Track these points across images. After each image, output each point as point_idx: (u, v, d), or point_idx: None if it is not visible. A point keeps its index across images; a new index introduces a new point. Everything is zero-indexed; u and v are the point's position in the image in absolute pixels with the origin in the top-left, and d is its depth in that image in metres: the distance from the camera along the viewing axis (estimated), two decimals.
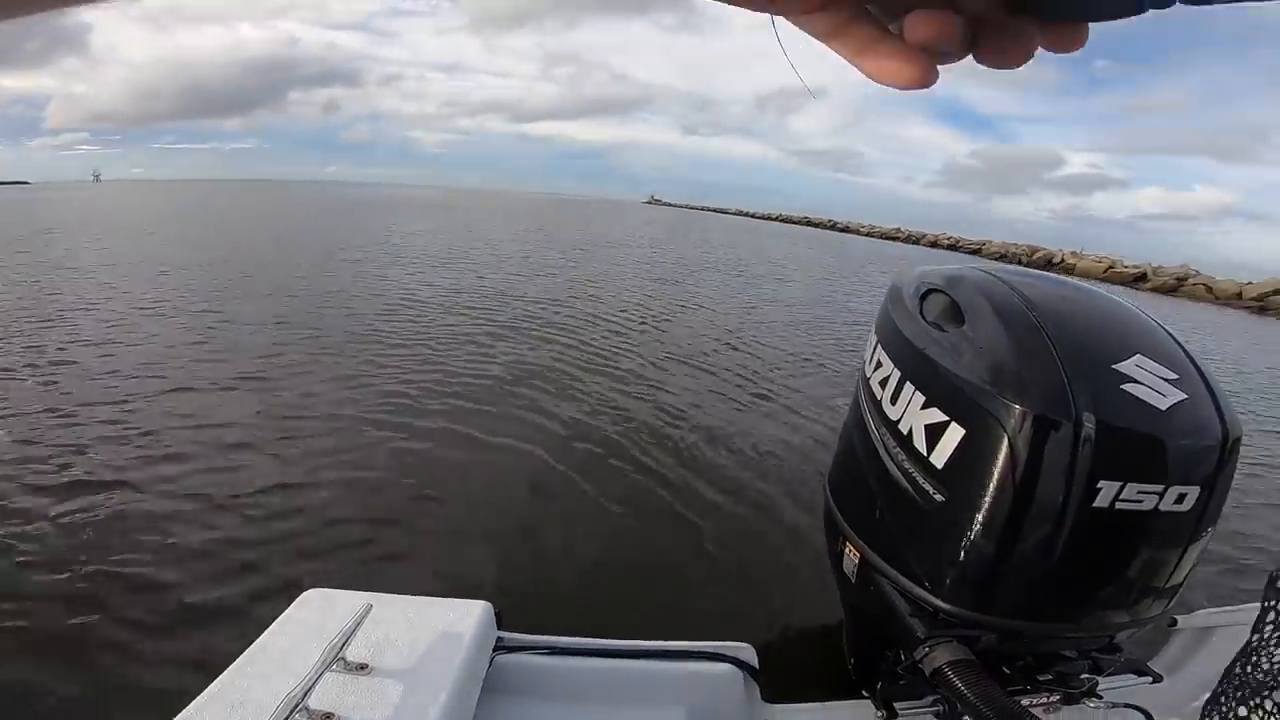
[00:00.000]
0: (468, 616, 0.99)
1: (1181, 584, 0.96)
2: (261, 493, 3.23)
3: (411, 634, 0.93)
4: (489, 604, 1.05)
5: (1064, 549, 0.87)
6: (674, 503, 3.53)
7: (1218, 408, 0.86)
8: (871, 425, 1.19)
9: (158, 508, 3.03)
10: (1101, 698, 1.06)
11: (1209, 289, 29.44)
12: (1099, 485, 0.83)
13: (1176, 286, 30.65)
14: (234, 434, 3.91)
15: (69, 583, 2.46)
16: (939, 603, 0.98)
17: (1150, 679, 1.29)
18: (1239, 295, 28.01)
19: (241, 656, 0.88)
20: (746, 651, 1.19)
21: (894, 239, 60.18)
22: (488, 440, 4.15)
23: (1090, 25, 0.22)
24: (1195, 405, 0.84)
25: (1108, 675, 1.18)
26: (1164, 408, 0.82)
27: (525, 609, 2.46)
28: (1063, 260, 38.28)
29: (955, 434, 0.95)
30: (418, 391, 4.93)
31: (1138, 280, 32.33)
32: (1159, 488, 0.82)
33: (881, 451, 1.14)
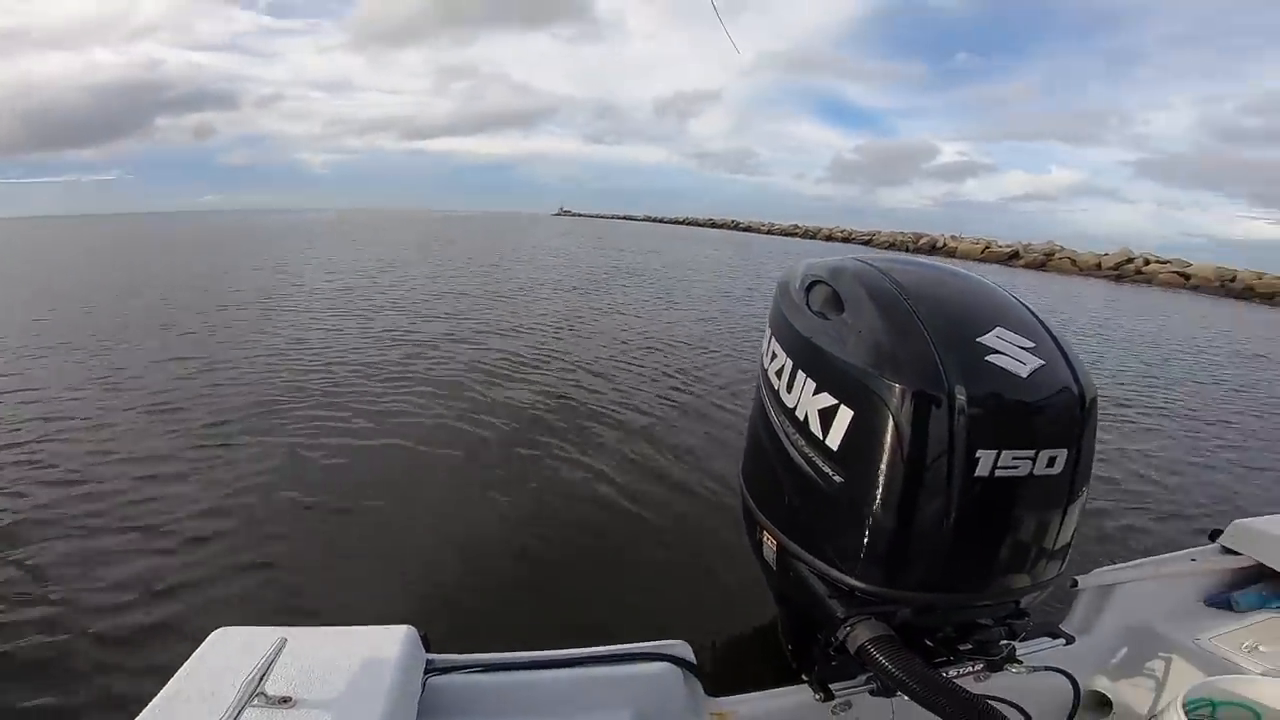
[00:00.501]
0: (391, 642, 0.94)
1: (1070, 544, 1.02)
2: (172, 525, 3.10)
3: (333, 664, 0.88)
4: (412, 627, 1.00)
5: (956, 519, 0.91)
6: (598, 505, 3.49)
7: (1072, 370, 0.93)
8: (773, 414, 1.22)
9: (64, 540, 2.96)
10: (1022, 663, 1.11)
11: (1073, 262, 32.64)
12: (977, 455, 0.88)
13: (1045, 261, 33.75)
14: (143, 467, 3.74)
15: None
16: (854, 582, 1.00)
17: (1064, 641, 1.35)
18: (1099, 266, 31.24)
19: (154, 700, 0.81)
20: (682, 648, 1.18)
21: (792, 235, 62.82)
22: (400, 459, 4.00)
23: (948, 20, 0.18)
24: (1053, 370, 0.91)
25: (1023, 641, 1.23)
26: (1025, 375, 0.88)
27: (454, 630, 2.37)
28: (945, 244, 41.25)
29: (845, 416, 0.99)
30: (325, 415, 4.70)
31: (1011, 258, 35.36)
32: (1031, 452, 0.88)
33: (783, 439, 1.17)
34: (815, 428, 1.05)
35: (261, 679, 0.78)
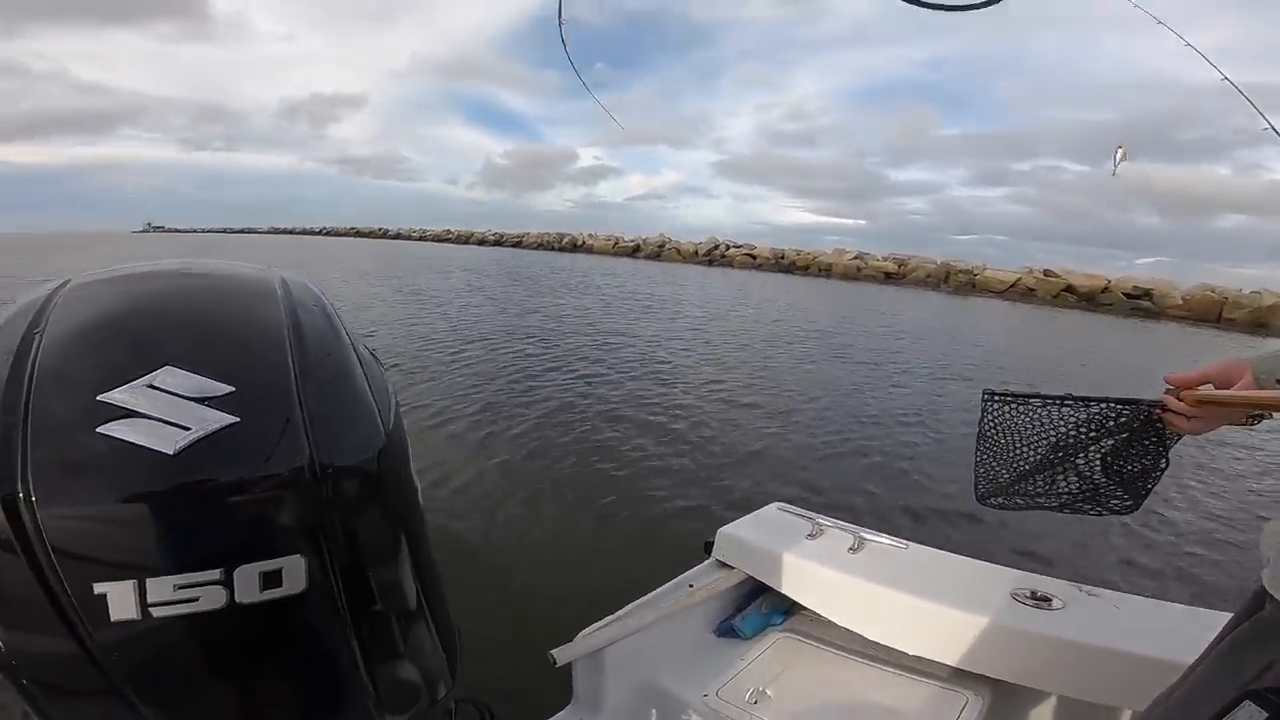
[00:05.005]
0: None
1: (412, 655, 0.69)
2: None
3: None
4: None
5: (150, 681, 0.51)
6: None
7: (306, 424, 0.56)
8: None
9: None
10: None
11: (678, 251, 39.09)
12: (99, 590, 0.47)
13: (659, 252, 39.68)
14: None
15: None
16: None
17: None
18: (696, 253, 38.00)
19: None
20: None
21: (446, 240, 61.73)
22: None
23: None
24: (253, 432, 0.53)
25: None
26: (174, 450, 0.50)
27: None
28: (584, 242, 45.32)
29: None
30: None
31: (635, 251, 40.70)
32: (212, 574, 0.49)
33: None
34: None
35: None
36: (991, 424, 1.16)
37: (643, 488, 3.96)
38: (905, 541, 1.52)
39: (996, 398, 1.14)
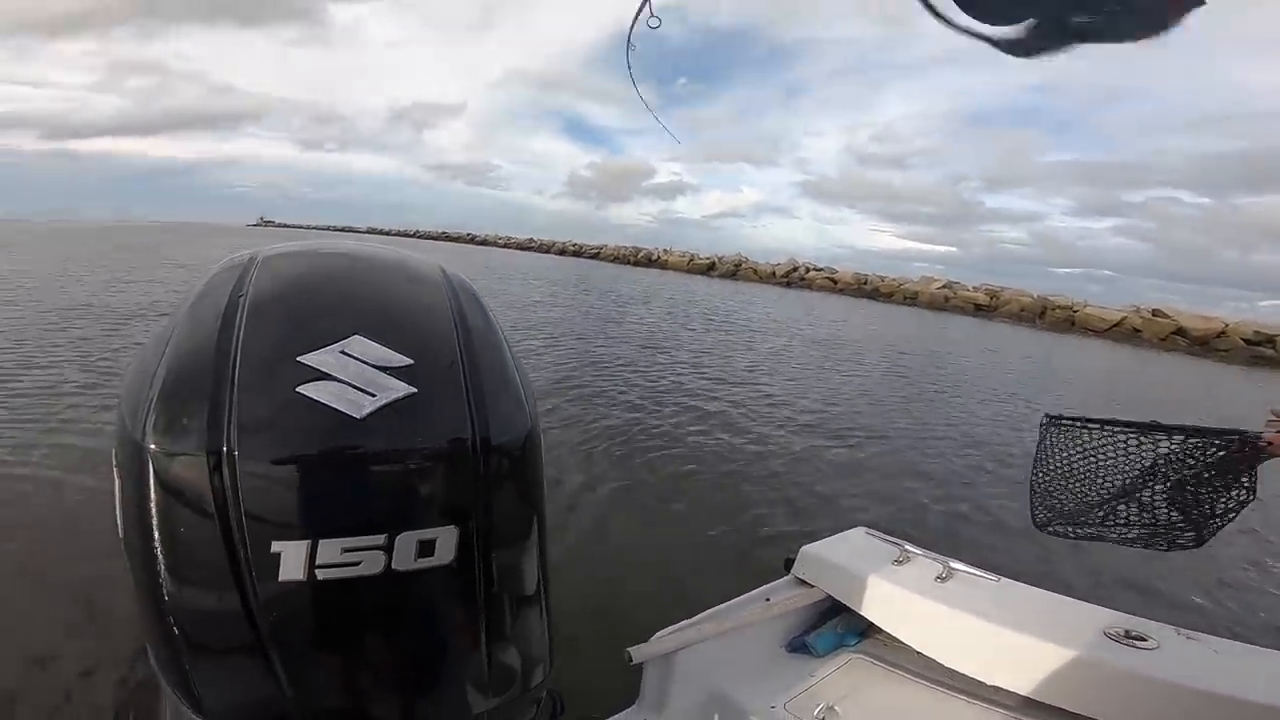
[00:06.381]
0: None
1: (523, 648, 0.70)
2: None
3: None
4: None
5: (280, 639, 0.55)
6: None
7: (471, 402, 0.58)
8: None
9: None
10: None
11: (755, 271, 38.69)
12: (275, 549, 0.51)
13: (735, 271, 39.42)
14: None
15: None
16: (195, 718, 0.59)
17: None
18: (773, 274, 37.47)
19: None
20: None
21: (528, 249, 63.81)
22: None
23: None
24: (428, 403, 0.56)
25: None
26: (362, 415, 0.52)
27: None
28: (659, 257, 45.59)
29: (117, 488, 0.57)
30: None
31: (710, 269, 40.61)
32: (377, 539, 0.53)
33: None
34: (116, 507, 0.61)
35: None
36: (1053, 450, 1.11)
37: (725, 499, 3.92)
38: (997, 575, 1.46)
39: (1063, 422, 1.09)
